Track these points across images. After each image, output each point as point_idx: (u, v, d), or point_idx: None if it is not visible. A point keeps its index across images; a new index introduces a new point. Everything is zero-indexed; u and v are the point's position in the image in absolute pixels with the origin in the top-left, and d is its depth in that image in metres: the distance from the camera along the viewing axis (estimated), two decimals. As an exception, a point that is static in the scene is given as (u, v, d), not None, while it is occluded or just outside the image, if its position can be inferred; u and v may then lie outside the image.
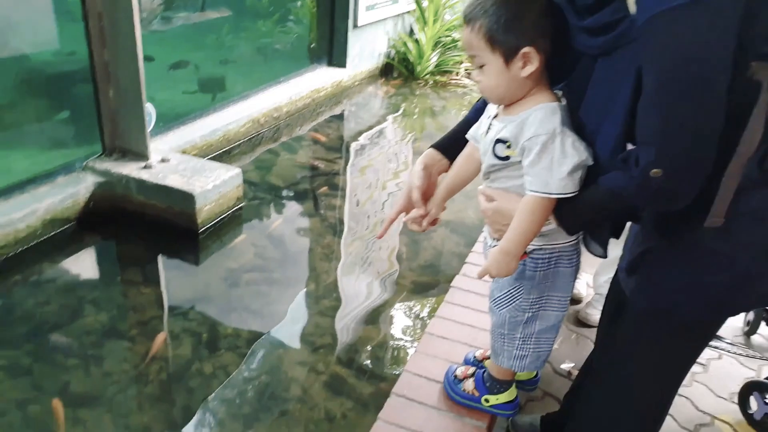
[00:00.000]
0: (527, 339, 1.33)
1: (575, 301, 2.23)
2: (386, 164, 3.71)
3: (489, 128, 1.22)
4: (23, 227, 2.26)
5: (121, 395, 1.78)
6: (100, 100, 2.64)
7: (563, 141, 1.10)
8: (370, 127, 4.23)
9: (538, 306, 1.29)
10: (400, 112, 4.69)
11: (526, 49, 1.08)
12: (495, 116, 1.22)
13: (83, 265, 2.42)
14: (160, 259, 2.53)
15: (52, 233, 2.40)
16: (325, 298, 2.33)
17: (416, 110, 4.76)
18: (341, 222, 2.95)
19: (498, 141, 1.17)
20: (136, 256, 2.51)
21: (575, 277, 1.30)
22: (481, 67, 1.14)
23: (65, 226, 2.46)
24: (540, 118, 1.12)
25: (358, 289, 2.42)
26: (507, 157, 1.17)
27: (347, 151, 3.87)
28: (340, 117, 4.44)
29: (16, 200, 2.32)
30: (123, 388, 1.80)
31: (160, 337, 2.01)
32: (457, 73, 5.43)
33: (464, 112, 1.44)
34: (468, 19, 1.11)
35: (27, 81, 3.14)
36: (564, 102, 1.18)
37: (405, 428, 1.36)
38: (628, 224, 1.22)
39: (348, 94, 4.82)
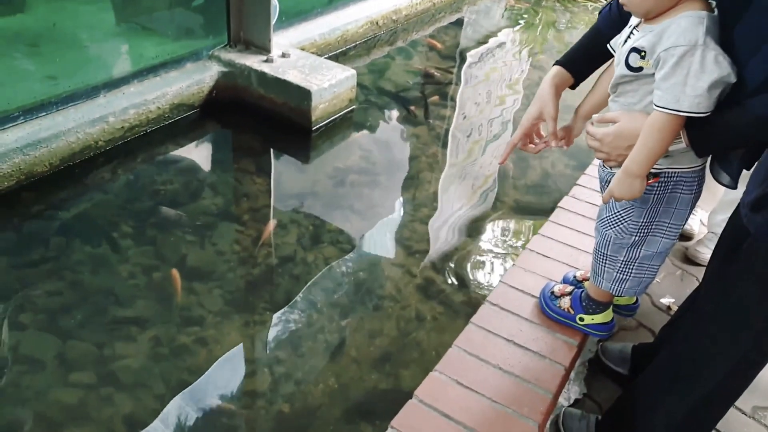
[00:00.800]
0: (630, 263, 1.28)
1: (686, 237, 2.09)
2: (501, 78, 3.55)
3: (628, 37, 1.12)
4: (154, 108, 2.43)
5: (231, 273, 1.93)
6: (229, -10, 2.69)
7: (704, 54, 0.99)
8: (489, 37, 4.03)
9: (646, 231, 1.23)
10: (523, 23, 4.40)
11: None
12: (637, 25, 1.12)
13: (204, 150, 2.58)
14: (273, 152, 2.64)
15: (178, 117, 2.56)
16: (425, 206, 2.35)
17: (540, 23, 4.44)
18: (449, 132, 2.90)
19: (633, 50, 1.08)
20: (252, 147, 2.63)
21: (693, 206, 1.22)
22: None
23: (190, 112, 2.61)
24: (683, 27, 1.01)
25: (460, 201, 2.41)
26: (640, 68, 1.08)
27: (463, 60, 3.72)
28: (459, 24, 4.25)
29: (150, 82, 2.48)
30: (233, 267, 1.96)
31: (270, 225, 2.13)
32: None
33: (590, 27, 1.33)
34: None
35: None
36: (716, 12, 1.05)
37: (497, 335, 1.38)
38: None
39: (470, 1, 4.57)
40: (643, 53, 1.06)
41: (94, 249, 1.93)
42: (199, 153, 2.54)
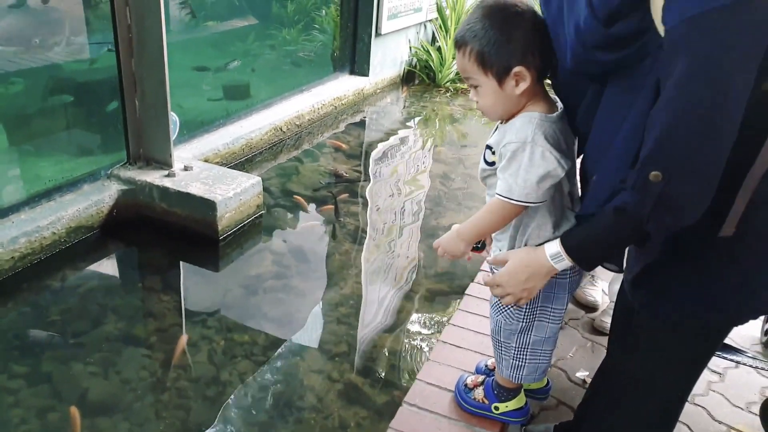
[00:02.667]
0: (522, 349, 1.33)
1: (591, 309, 2.20)
2: (407, 171, 3.71)
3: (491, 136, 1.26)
4: (49, 234, 2.32)
5: (139, 403, 1.81)
6: (127, 109, 2.70)
7: (533, 150, 1.12)
8: (391, 134, 4.25)
9: (531, 316, 1.30)
10: (421, 119, 4.69)
11: (517, 69, 1.11)
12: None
13: (105, 272, 2.47)
14: (181, 266, 2.57)
15: (77, 240, 2.46)
16: (342, 306, 2.34)
17: (437, 117, 4.76)
18: (360, 229, 2.96)
19: (487, 146, 1.24)
20: (157, 263, 2.55)
21: (571, 290, 1.30)
22: (476, 87, 1.17)
23: (89, 234, 2.51)
24: (517, 126, 1.16)
25: (375, 297, 2.43)
26: (493, 163, 1.22)
27: (368, 158, 3.88)
28: (361, 124, 4.47)
29: (43, 208, 2.38)
30: (140, 396, 1.83)
31: (180, 345, 2.04)
32: (479, 80, 5.41)
33: (483, 119, 1.46)
34: (459, 44, 1.15)
35: (56, 89, 3.24)
36: (561, 108, 1.19)
37: (416, 439, 1.36)
38: None
39: (369, 102, 4.84)
40: (493, 149, 1.21)
41: (-21, 396, 1.75)
42: (100, 276, 2.43)
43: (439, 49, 5.37)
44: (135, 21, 2.52)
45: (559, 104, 1.24)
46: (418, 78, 5.46)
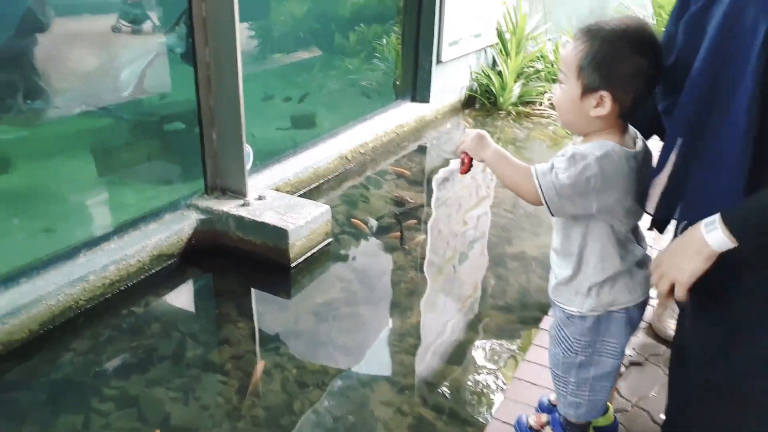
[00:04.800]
0: (581, 384, 1.31)
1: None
2: (469, 196, 3.72)
3: None
4: (134, 262, 2.46)
5: (217, 429, 1.87)
6: (205, 142, 2.84)
7: (587, 167, 1.13)
8: (452, 160, 4.26)
9: (591, 350, 1.27)
10: (484, 144, 4.68)
11: (603, 93, 1.12)
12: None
13: (184, 298, 2.59)
14: (254, 293, 2.66)
15: (159, 268, 2.59)
16: (410, 336, 2.36)
17: (498, 141, 4.74)
18: (425, 256, 2.98)
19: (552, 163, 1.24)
20: (232, 289, 2.65)
21: (631, 324, 1.29)
22: (561, 83, 1.20)
23: (170, 261, 2.65)
24: (591, 144, 1.17)
25: (443, 327, 2.43)
26: None
27: (430, 183, 3.91)
28: (423, 150, 4.51)
29: (130, 237, 2.53)
30: (218, 422, 1.90)
31: (258, 372, 2.10)
32: (540, 104, 5.37)
33: (547, 143, 1.49)
34: (577, 35, 1.17)
35: (141, 123, 3.46)
36: (639, 147, 1.18)
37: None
38: None
39: (431, 128, 4.89)
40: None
41: (76, 416, 1.87)
42: (179, 302, 2.55)
43: (499, 73, 5.37)
44: (214, 60, 2.67)
45: (639, 142, 1.23)
46: (479, 102, 5.47)
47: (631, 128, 1.25)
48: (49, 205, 2.88)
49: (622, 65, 1.10)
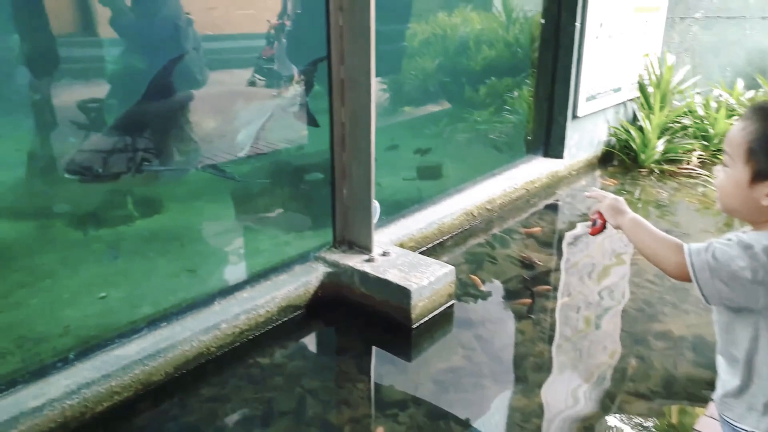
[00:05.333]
0: None
1: None
2: (605, 262, 3.44)
3: None
4: (263, 312, 2.53)
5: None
6: (336, 196, 2.91)
7: (751, 257, 1.00)
8: (587, 219, 4.00)
9: None
10: (621, 204, 4.37)
11: None
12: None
13: (307, 352, 2.61)
14: (375, 352, 2.62)
15: (285, 319, 2.65)
16: (535, 417, 2.17)
17: (639, 201, 4.40)
18: (554, 326, 2.77)
19: None
20: (353, 346, 2.63)
21: None
22: (726, 165, 1.08)
23: (296, 313, 2.70)
24: (755, 234, 1.05)
25: (572, 410, 2.21)
26: None
27: (561, 245, 3.69)
28: (554, 208, 4.30)
29: (262, 287, 2.63)
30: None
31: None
32: (688, 162, 4.93)
33: (695, 206, 1.36)
34: (748, 114, 1.05)
35: (278, 173, 3.65)
36: None
37: None
38: None
39: (564, 185, 4.67)
40: None
41: (198, 466, 1.91)
42: (303, 355, 2.57)
43: (641, 129, 5.04)
44: (349, 119, 2.74)
45: None
46: (618, 159, 5.15)
47: None
48: (193, 247, 3.11)
49: None
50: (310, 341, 2.69)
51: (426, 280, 2.68)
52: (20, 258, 3.17)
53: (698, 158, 4.92)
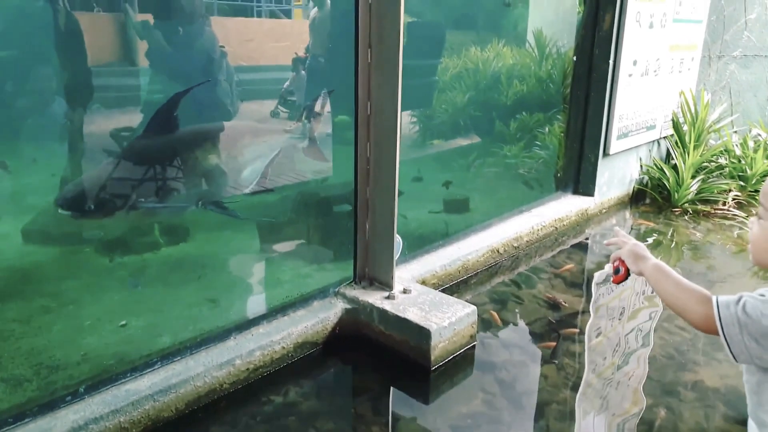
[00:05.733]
0: None
1: None
2: (636, 306, 3.31)
3: None
4: (279, 349, 2.49)
5: None
6: (358, 231, 2.88)
7: None
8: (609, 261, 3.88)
9: None
10: (651, 242, 4.24)
11: None
12: None
13: (323, 391, 2.54)
14: (392, 393, 2.54)
15: (301, 356, 2.60)
16: (559, 472, 2.06)
17: (672, 242, 4.25)
18: (579, 372, 2.65)
19: None
20: (370, 387, 2.56)
21: None
22: (760, 218, 1.07)
23: (313, 350, 2.65)
24: None
25: (600, 468, 2.09)
26: None
27: (590, 286, 3.57)
28: (583, 247, 4.18)
29: (279, 322, 2.59)
30: None
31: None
32: (724, 203, 4.77)
33: (731, 248, 1.26)
34: None
35: (303, 203, 3.66)
36: None
37: None
38: None
39: (594, 223, 4.55)
40: None
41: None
42: (317, 394, 2.51)
43: (674, 167, 4.91)
44: (374, 154, 2.73)
45: None
46: (650, 197, 5.02)
47: None
48: (211, 278, 3.10)
49: None
50: (326, 380, 2.62)
51: (447, 321, 2.61)
52: (47, 283, 3.22)
53: (734, 199, 4.76)
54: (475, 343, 2.79)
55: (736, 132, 5.28)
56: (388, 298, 2.77)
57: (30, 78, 3.14)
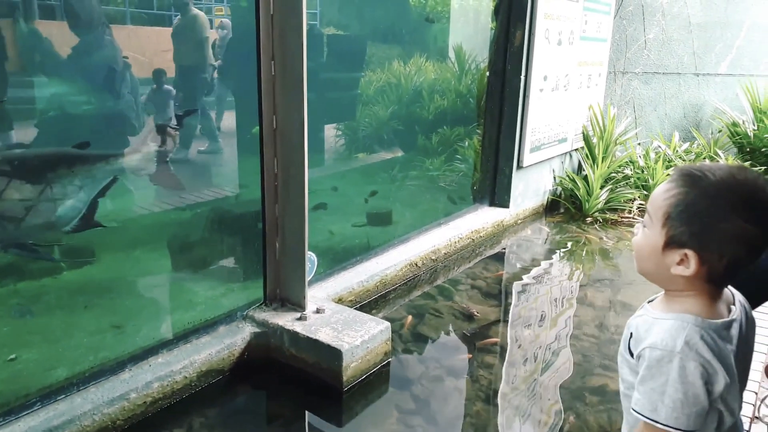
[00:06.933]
0: None
1: None
2: (549, 313, 3.39)
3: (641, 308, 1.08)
4: (180, 378, 2.35)
5: None
6: (267, 251, 2.78)
7: (683, 363, 0.90)
8: (531, 269, 3.97)
9: None
10: (565, 251, 4.38)
11: (687, 251, 0.92)
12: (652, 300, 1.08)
13: (232, 421, 2.42)
14: (307, 418, 2.45)
15: (206, 384, 2.47)
16: (470, 490, 2.04)
17: (584, 250, 4.41)
18: (495, 385, 2.67)
19: (630, 331, 1.05)
20: (282, 413, 2.46)
21: None
22: (645, 226, 1.02)
23: (219, 377, 2.52)
24: (666, 327, 0.95)
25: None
26: (631, 353, 1.02)
27: (506, 296, 3.63)
28: (499, 258, 4.26)
29: (180, 350, 2.44)
30: None
31: None
32: (629, 211, 5.01)
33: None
34: (674, 177, 0.98)
35: (216, 221, 3.51)
36: (736, 314, 0.97)
37: None
38: None
39: (509, 233, 4.65)
40: (632, 335, 1.03)
41: None
42: (225, 423, 2.38)
43: (585, 178, 5.11)
44: (282, 172, 2.65)
45: (736, 308, 0.99)
46: (563, 207, 5.19)
47: (728, 290, 1.02)
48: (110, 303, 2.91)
49: (720, 227, 0.89)
50: (234, 408, 2.50)
51: (359, 339, 2.55)
52: None
53: (638, 207, 5.01)
54: (390, 359, 2.75)
55: (639, 144, 5.57)
56: (299, 319, 2.69)
57: None
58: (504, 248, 4.42)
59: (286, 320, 2.67)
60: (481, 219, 4.43)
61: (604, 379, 2.68)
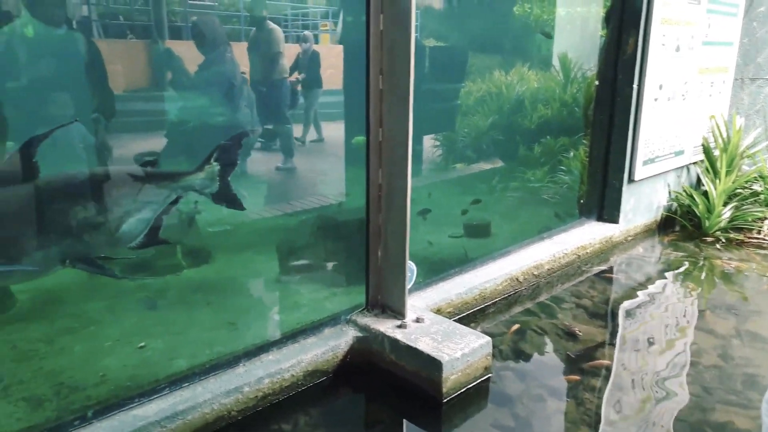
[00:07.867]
0: None
1: None
2: (663, 339, 3.18)
3: None
4: (288, 377, 2.47)
5: None
6: (370, 258, 2.86)
7: None
8: (643, 290, 3.76)
9: None
10: (681, 272, 4.10)
11: None
12: None
13: (333, 421, 2.49)
14: (404, 425, 2.48)
15: (311, 384, 2.57)
16: None
17: (703, 273, 4.10)
18: (599, 409, 2.55)
19: None
20: (380, 418, 2.51)
21: None
22: None
23: (323, 378, 2.61)
24: None
25: None
26: None
27: (614, 317, 3.46)
28: (607, 277, 4.07)
29: (289, 349, 2.57)
30: None
31: None
32: (758, 231, 4.60)
33: (766, 277, 1.11)
34: None
35: (321, 227, 3.66)
36: None
37: None
38: None
39: (618, 251, 4.43)
40: None
41: None
42: (327, 423, 2.47)
43: (705, 194, 4.76)
44: (386, 181, 2.72)
45: None
46: (679, 225, 4.87)
47: None
48: (222, 304, 3.11)
49: None
50: (336, 410, 2.58)
51: (459, 352, 2.55)
52: (69, 304, 3.28)
53: (770, 227, 4.58)
54: (490, 375, 2.72)
55: (770, 157, 5.11)
56: (399, 326, 2.73)
57: None
58: (612, 266, 4.21)
59: (386, 327, 2.72)
60: (588, 234, 4.26)
61: (730, 415, 2.48)
